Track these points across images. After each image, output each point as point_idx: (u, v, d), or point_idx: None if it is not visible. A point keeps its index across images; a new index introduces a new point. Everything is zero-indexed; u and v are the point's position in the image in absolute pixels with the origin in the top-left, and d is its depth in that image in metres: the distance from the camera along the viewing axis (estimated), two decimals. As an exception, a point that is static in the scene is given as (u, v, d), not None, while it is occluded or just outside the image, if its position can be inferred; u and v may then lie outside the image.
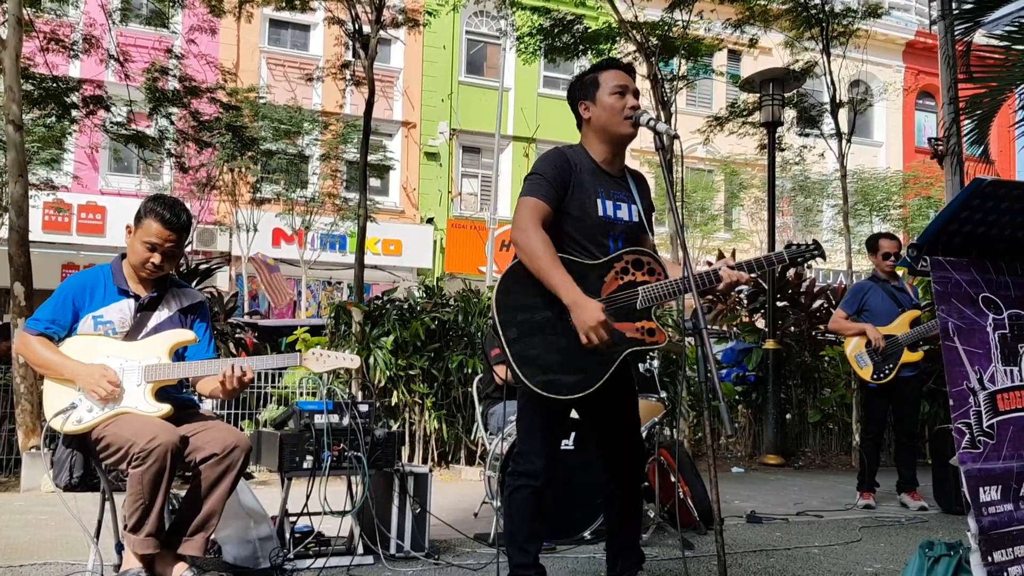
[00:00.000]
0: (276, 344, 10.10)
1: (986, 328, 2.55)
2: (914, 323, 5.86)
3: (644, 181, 3.20)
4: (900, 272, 6.36)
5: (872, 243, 6.14)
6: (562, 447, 3.93)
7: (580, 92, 3.08)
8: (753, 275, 3.01)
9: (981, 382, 2.49)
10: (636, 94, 3.04)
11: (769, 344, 8.95)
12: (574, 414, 3.30)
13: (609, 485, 3.16)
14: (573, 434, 4.31)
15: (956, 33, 7.78)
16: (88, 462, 3.16)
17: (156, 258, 3.22)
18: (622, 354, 2.87)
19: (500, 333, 2.80)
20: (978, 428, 2.44)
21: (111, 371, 3.08)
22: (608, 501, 3.21)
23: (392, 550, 3.83)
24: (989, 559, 2.33)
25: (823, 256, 3.07)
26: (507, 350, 2.79)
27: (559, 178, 2.93)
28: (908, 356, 5.80)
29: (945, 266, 2.59)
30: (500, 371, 4.83)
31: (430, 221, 19.81)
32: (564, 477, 4.18)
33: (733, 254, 10.64)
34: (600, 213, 2.97)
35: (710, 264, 3.01)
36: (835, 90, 10.90)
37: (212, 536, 3.19)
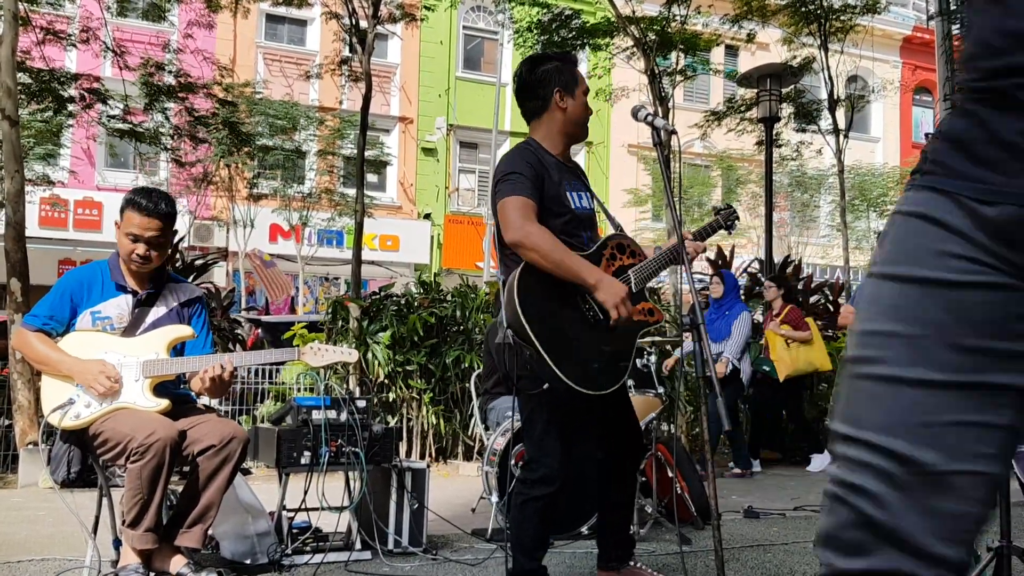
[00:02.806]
0: (279, 340, 10.09)
1: None
2: None
3: (582, 170, 3.27)
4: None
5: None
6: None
7: (559, 81, 3.01)
8: (705, 241, 3.17)
9: None
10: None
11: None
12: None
13: (604, 476, 3.17)
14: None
15: (954, 29, 7.78)
16: (86, 458, 3.15)
17: (140, 248, 3.18)
18: (635, 338, 2.94)
19: (530, 336, 2.73)
20: None
21: (109, 366, 3.08)
22: (602, 490, 3.21)
23: (390, 545, 3.83)
24: None
25: (736, 217, 3.35)
26: (542, 352, 2.72)
27: (536, 175, 2.89)
28: None
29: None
30: None
31: (427, 217, 19.80)
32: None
33: (732, 250, 10.66)
34: (573, 205, 2.99)
35: (707, 256, 3.06)
36: (833, 86, 10.90)
37: (210, 530, 3.20)
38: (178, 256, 9.49)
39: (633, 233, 3.37)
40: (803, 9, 10.86)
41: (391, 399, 7.50)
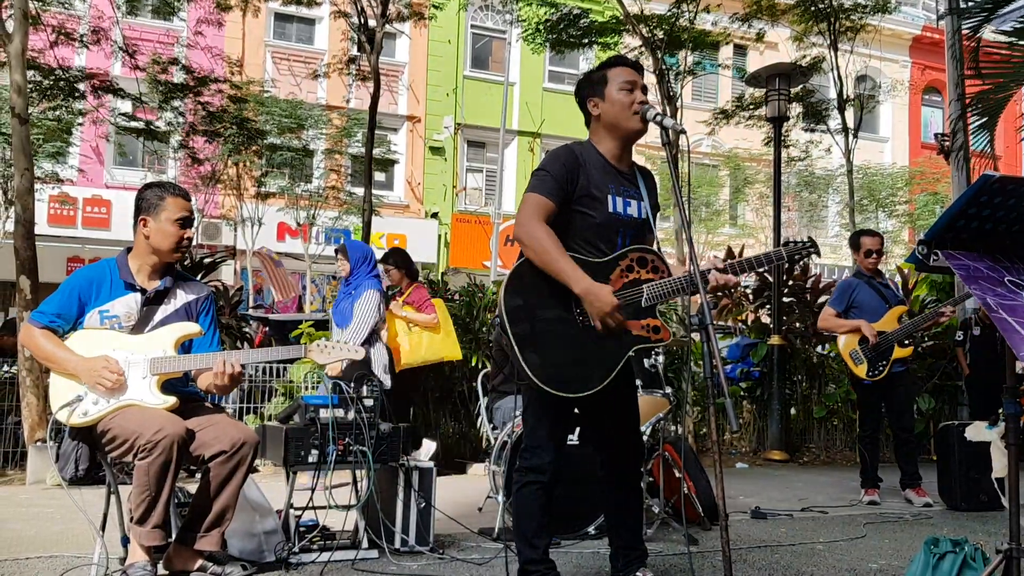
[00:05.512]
0: (286, 339, 10.08)
1: None
2: (902, 319, 5.88)
3: (652, 179, 3.19)
4: (906, 269, 6.34)
5: (854, 241, 6.15)
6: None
7: (589, 89, 3.08)
8: (744, 275, 3.04)
9: None
10: (644, 90, 3.04)
11: (774, 340, 8.93)
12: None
13: (607, 482, 3.16)
14: (578, 429, 4.31)
15: (964, 29, 7.75)
16: (94, 455, 3.16)
17: (190, 232, 3.31)
18: (628, 351, 2.88)
19: (508, 331, 2.79)
20: None
21: (113, 361, 3.09)
22: (606, 497, 3.20)
23: (397, 544, 3.84)
24: None
25: (818, 253, 3.13)
26: (515, 348, 2.79)
27: (566, 175, 2.92)
28: (899, 352, 5.82)
29: (958, 256, 2.58)
30: None
31: (434, 216, 19.81)
32: (568, 472, 4.17)
33: (742, 251, 10.63)
34: (610, 209, 2.96)
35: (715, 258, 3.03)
36: (842, 85, 10.86)
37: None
38: (186, 254, 9.50)
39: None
40: (812, 8, 10.81)
41: (398, 398, 7.50)
